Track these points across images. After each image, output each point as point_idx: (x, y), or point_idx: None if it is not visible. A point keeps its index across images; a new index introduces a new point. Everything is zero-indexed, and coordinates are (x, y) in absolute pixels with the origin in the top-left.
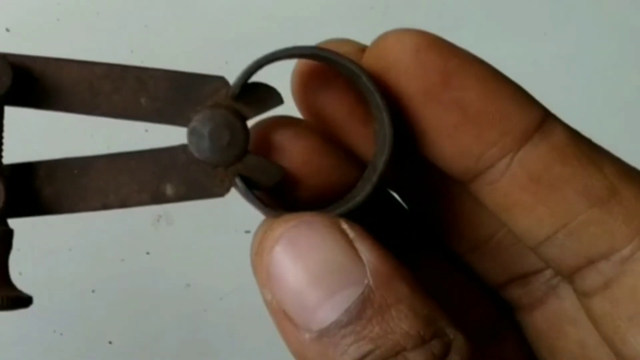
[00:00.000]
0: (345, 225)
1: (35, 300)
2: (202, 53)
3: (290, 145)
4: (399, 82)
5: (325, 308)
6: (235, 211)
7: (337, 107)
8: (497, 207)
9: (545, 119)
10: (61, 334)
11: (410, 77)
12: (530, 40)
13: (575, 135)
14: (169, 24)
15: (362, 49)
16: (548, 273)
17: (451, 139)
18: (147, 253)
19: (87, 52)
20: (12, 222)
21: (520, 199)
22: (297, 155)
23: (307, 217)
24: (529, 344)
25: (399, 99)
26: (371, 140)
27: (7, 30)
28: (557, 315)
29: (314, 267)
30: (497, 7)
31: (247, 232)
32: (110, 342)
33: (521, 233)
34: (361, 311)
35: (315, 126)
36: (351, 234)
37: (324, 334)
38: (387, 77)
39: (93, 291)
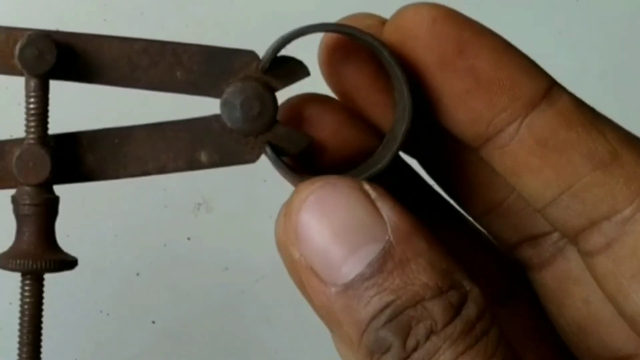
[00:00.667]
0: (367, 186)
1: (83, 282)
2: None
3: (320, 118)
4: (416, 51)
5: (350, 263)
6: (269, 199)
7: (359, 76)
8: (507, 170)
9: (552, 87)
10: (107, 314)
11: (426, 47)
12: (546, 38)
13: (580, 103)
14: (209, 25)
15: (383, 22)
16: (555, 235)
17: (464, 104)
18: (188, 238)
19: None
20: (65, 206)
21: (528, 162)
22: (325, 127)
23: (331, 179)
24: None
25: (415, 68)
26: (390, 108)
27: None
28: (563, 275)
29: (338, 225)
30: (512, 5)
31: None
32: (153, 322)
33: (529, 195)
34: (383, 265)
35: (341, 102)
36: (373, 194)
37: (348, 287)
38: (405, 47)
39: (137, 274)
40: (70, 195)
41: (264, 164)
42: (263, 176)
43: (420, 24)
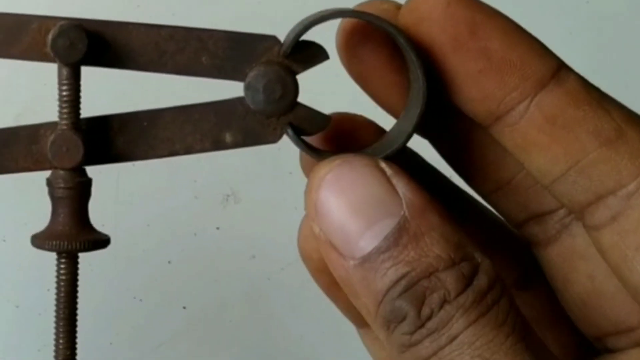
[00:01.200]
0: (383, 164)
1: (117, 270)
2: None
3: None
4: (431, 33)
5: (366, 237)
6: (294, 191)
7: (375, 58)
8: (516, 147)
9: (560, 68)
10: (141, 300)
11: (440, 28)
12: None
13: (587, 83)
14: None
15: (399, 6)
16: (561, 212)
17: (476, 84)
18: (217, 228)
19: None
20: (100, 198)
21: (537, 139)
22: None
23: (349, 158)
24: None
25: (430, 49)
26: (403, 89)
27: None
28: (569, 251)
29: (355, 201)
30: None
31: None
32: (184, 307)
33: (537, 171)
34: (398, 238)
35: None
36: (388, 171)
37: (365, 259)
38: (420, 29)
39: (169, 262)
40: (105, 188)
41: (290, 157)
42: (288, 169)
43: (434, 7)
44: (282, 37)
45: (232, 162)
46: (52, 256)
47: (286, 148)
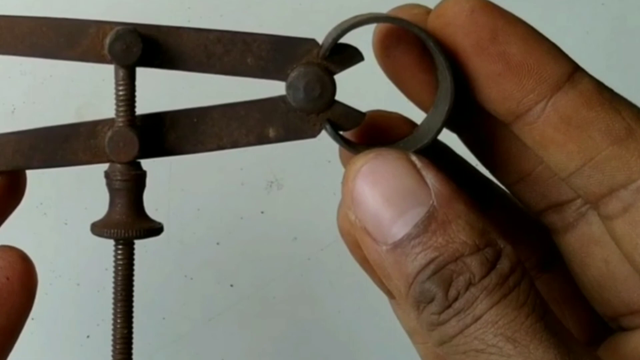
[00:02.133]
0: (413, 157)
1: (170, 251)
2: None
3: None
4: (455, 37)
5: (398, 224)
6: (332, 178)
7: (407, 57)
8: (535, 144)
9: (575, 70)
10: (191, 279)
11: (464, 33)
12: (573, 38)
13: (599, 85)
14: (279, 24)
15: (428, 11)
16: (579, 202)
17: (497, 85)
18: (262, 212)
19: None
20: (154, 185)
21: (554, 137)
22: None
23: (382, 151)
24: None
25: (455, 51)
26: (431, 86)
27: None
28: (585, 237)
29: (388, 191)
30: (541, 5)
31: None
32: (231, 285)
33: (555, 165)
34: (427, 226)
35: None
36: (418, 164)
37: (397, 245)
38: (446, 33)
39: (218, 243)
40: (159, 176)
41: (328, 147)
42: (327, 158)
43: (459, 13)
44: (319, 39)
45: (275, 152)
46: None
47: (325, 139)
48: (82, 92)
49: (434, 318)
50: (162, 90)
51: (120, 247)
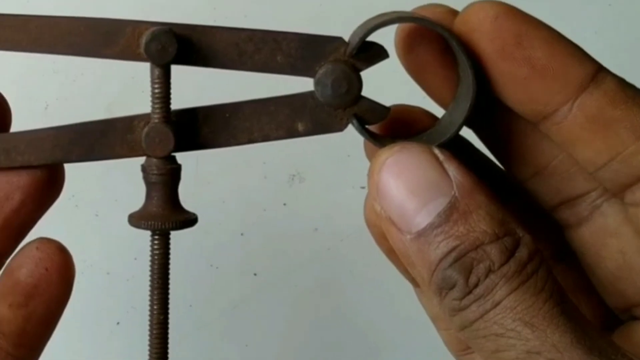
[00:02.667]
0: (436, 150)
1: (196, 240)
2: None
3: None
4: (481, 42)
5: (422, 214)
6: (352, 171)
7: (429, 54)
8: (563, 142)
9: (598, 71)
10: (217, 267)
11: (489, 39)
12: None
13: (623, 84)
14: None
15: (451, 10)
16: (594, 194)
17: (523, 88)
18: (284, 204)
19: None
20: (183, 180)
21: (581, 136)
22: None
23: (407, 145)
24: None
25: (481, 56)
26: (451, 82)
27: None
28: (601, 230)
29: (412, 182)
30: (551, 4)
31: (362, 187)
32: (255, 274)
33: (582, 162)
34: (449, 215)
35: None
36: (441, 156)
37: (421, 234)
38: (472, 38)
39: (242, 234)
40: (186, 169)
41: (348, 142)
42: (347, 152)
43: (484, 20)
44: (344, 37)
45: (297, 146)
46: (139, 229)
47: (345, 134)
48: (112, 89)
49: (456, 304)
50: (196, 86)
51: (156, 238)
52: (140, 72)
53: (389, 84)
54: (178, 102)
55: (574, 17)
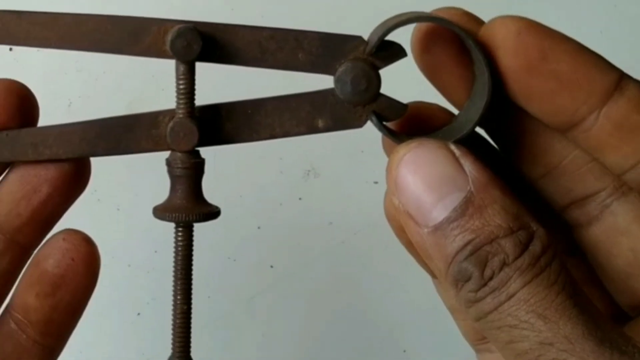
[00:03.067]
0: (452, 146)
1: (214, 234)
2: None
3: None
4: (506, 58)
5: (438, 208)
6: (365, 167)
7: (445, 53)
8: (591, 148)
9: (620, 78)
10: (234, 260)
11: (514, 55)
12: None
13: None
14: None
15: (467, 13)
16: (603, 194)
17: (550, 100)
18: (300, 199)
19: None
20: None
21: (609, 142)
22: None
23: (424, 141)
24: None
25: (505, 72)
26: (466, 82)
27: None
28: (611, 228)
29: (429, 177)
30: (556, 4)
31: (375, 182)
32: (271, 266)
33: (610, 166)
34: (465, 210)
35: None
36: (457, 152)
37: (437, 227)
38: (497, 54)
39: (259, 227)
40: (205, 164)
41: (362, 138)
42: (361, 148)
43: (507, 36)
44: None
45: (312, 143)
46: (160, 222)
47: (358, 131)
48: (133, 87)
49: (471, 295)
50: (220, 83)
51: (180, 229)
52: (160, 71)
53: (404, 82)
54: (201, 99)
55: (580, 17)
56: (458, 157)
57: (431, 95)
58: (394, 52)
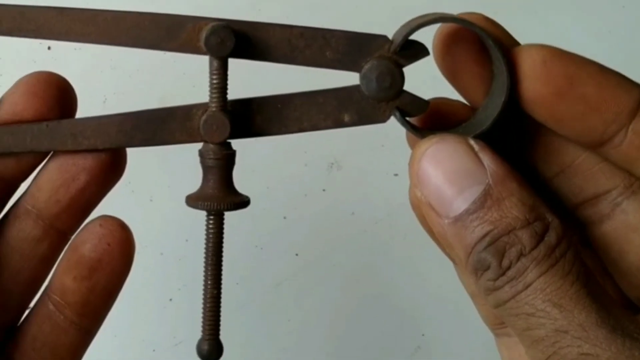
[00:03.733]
0: (472, 141)
1: (242, 223)
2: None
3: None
4: (535, 87)
5: (458, 200)
6: (386, 160)
7: (466, 54)
8: (621, 162)
9: None
10: (261, 248)
11: (543, 83)
12: (596, 37)
13: None
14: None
15: (486, 18)
16: (614, 193)
17: (580, 123)
18: (323, 190)
19: None
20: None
21: (638, 155)
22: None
23: (445, 136)
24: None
25: (535, 99)
26: (485, 82)
27: None
28: (623, 226)
29: (449, 171)
30: (565, 6)
31: (395, 175)
32: (296, 254)
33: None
34: (484, 202)
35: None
36: (476, 147)
37: (457, 219)
38: (525, 85)
39: (284, 217)
40: None
41: (382, 133)
42: (381, 142)
43: (533, 66)
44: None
45: (335, 137)
46: (191, 212)
47: (379, 126)
48: (164, 83)
49: (490, 284)
50: (251, 78)
51: (211, 218)
52: (191, 69)
53: (426, 80)
54: (233, 93)
55: (590, 18)
56: (477, 152)
57: (449, 93)
58: (417, 51)
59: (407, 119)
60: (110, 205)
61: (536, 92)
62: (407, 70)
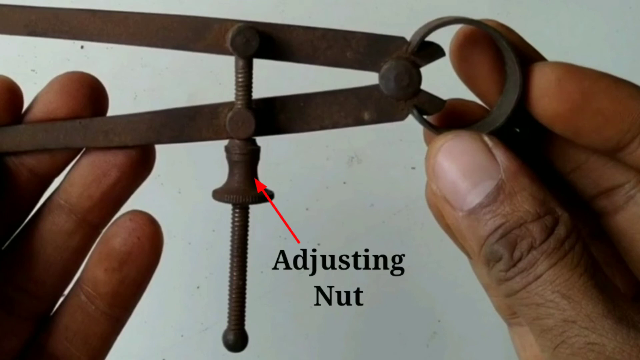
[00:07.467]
0: (485, 138)
1: (266, 215)
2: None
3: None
4: (552, 104)
5: (472, 194)
6: (404, 154)
7: (482, 56)
8: (637, 165)
9: None
10: (285, 239)
11: (560, 101)
12: (604, 36)
13: None
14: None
15: (501, 24)
16: (628, 186)
17: (597, 134)
18: (344, 183)
19: None
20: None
21: None
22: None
23: (460, 133)
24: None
25: (553, 116)
26: (497, 82)
27: None
28: (635, 216)
29: (464, 166)
30: (573, 5)
31: (413, 168)
32: (318, 244)
33: None
34: (496, 196)
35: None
36: (490, 143)
37: (471, 212)
38: (542, 103)
39: (307, 209)
40: None
41: (400, 128)
42: (400, 137)
43: (548, 84)
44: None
45: (356, 132)
46: (217, 204)
47: (398, 122)
48: (193, 81)
49: (502, 275)
50: (275, 77)
51: (237, 211)
52: (218, 68)
53: (442, 80)
54: (258, 92)
55: (597, 17)
56: (491, 148)
57: (463, 91)
58: (433, 52)
59: (424, 117)
60: (140, 197)
61: (553, 110)
62: (424, 70)
